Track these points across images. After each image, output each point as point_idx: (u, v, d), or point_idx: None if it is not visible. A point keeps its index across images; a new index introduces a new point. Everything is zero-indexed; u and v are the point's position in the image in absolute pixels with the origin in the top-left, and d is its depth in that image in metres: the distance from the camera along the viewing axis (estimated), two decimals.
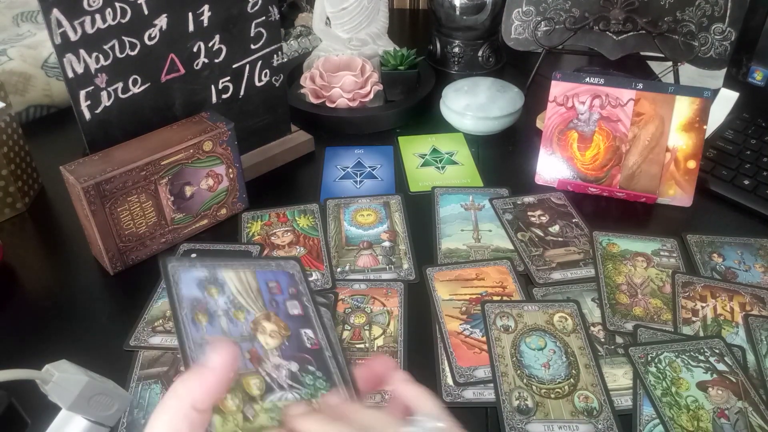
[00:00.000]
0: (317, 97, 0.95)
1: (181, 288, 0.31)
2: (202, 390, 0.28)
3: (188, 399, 0.28)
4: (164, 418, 0.28)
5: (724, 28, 0.95)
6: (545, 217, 0.77)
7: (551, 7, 0.99)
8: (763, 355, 0.59)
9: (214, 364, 0.28)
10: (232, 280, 0.32)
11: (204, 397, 0.28)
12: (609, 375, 0.57)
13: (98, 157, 0.66)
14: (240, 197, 0.77)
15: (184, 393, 0.28)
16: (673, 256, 0.71)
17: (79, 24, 0.63)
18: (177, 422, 0.27)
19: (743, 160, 0.82)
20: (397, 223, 0.76)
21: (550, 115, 0.81)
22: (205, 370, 0.28)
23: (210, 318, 0.31)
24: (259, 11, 0.75)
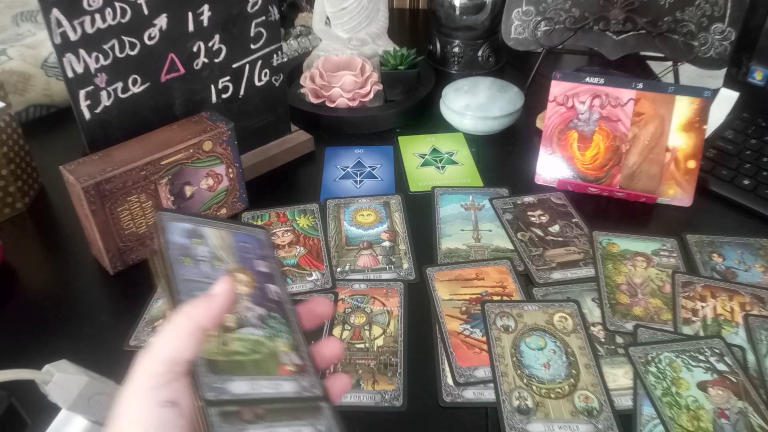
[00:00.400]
0: (317, 96, 0.95)
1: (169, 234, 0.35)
2: (209, 312, 0.31)
3: (195, 319, 0.31)
4: (172, 332, 0.31)
5: (724, 28, 0.95)
6: (545, 217, 0.77)
7: (551, 7, 0.99)
8: (763, 355, 0.59)
9: (218, 292, 0.32)
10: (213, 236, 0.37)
11: (209, 319, 0.32)
12: (609, 375, 0.57)
13: (98, 157, 0.66)
14: (240, 197, 0.77)
15: (193, 313, 0.31)
16: (673, 256, 0.71)
17: (79, 24, 0.63)
18: (183, 337, 0.31)
19: (743, 160, 0.82)
20: (397, 223, 0.76)
21: (550, 115, 0.81)
22: (211, 297, 0.32)
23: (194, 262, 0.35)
24: (259, 11, 0.75)
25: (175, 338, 0.31)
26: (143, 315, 0.64)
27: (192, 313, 0.32)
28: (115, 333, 0.62)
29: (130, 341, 0.61)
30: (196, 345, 0.31)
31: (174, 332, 0.31)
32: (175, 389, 0.31)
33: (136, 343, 0.60)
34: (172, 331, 0.31)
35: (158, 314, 0.64)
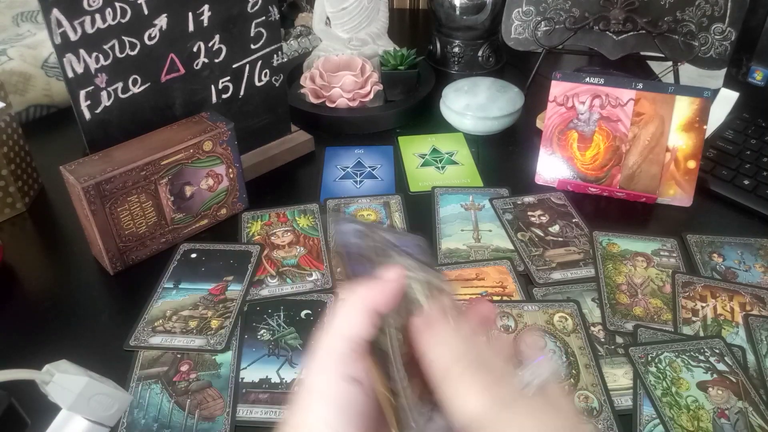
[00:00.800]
0: (317, 97, 0.95)
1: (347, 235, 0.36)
2: (381, 295, 0.32)
3: (371, 300, 0.32)
4: (349, 312, 0.32)
5: (724, 28, 0.95)
6: (545, 217, 0.77)
7: (551, 7, 0.99)
8: (763, 355, 0.59)
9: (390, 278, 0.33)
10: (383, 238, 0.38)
11: (384, 301, 0.32)
12: (609, 375, 0.57)
13: (98, 157, 0.66)
14: (240, 197, 0.77)
15: (368, 295, 0.32)
16: (673, 256, 0.71)
17: (79, 24, 0.63)
18: (359, 316, 0.32)
19: (743, 160, 0.82)
20: (397, 223, 0.76)
21: (550, 115, 0.81)
22: (383, 281, 0.33)
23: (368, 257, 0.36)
24: (259, 11, 0.75)
25: (352, 317, 0.32)
26: (143, 315, 0.64)
27: (367, 294, 0.32)
28: (115, 333, 0.62)
29: (130, 341, 0.61)
30: (371, 326, 0.32)
31: (351, 312, 0.32)
32: (358, 368, 0.31)
33: (136, 343, 0.61)
34: (348, 311, 0.32)
35: (158, 314, 0.64)
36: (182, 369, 0.58)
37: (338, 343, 0.32)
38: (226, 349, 0.60)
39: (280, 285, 0.67)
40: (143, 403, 0.55)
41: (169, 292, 0.66)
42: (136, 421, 0.54)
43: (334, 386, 0.31)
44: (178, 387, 0.57)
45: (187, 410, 0.55)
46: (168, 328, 0.62)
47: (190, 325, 0.62)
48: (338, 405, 0.31)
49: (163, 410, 0.55)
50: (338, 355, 0.32)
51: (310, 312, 0.64)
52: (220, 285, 0.67)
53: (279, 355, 0.60)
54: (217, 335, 0.61)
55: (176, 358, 0.59)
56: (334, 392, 0.31)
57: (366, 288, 0.33)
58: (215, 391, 0.56)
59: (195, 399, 0.56)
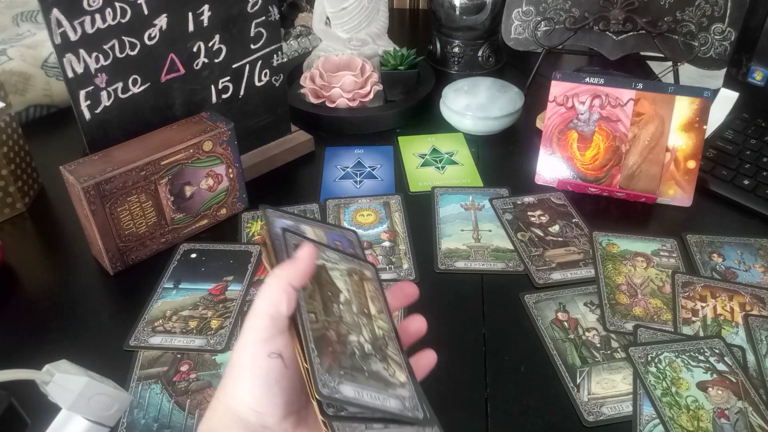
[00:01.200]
0: (317, 97, 0.95)
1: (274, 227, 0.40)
2: (296, 272, 0.36)
3: (286, 278, 0.35)
4: (268, 291, 0.35)
5: (724, 28, 0.95)
6: (545, 217, 0.77)
7: (551, 7, 0.99)
8: (763, 355, 0.59)
9: (301, 256, 0.36)
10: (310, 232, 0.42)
11: (297, 277, 0.35)
12: (607, 381, 0.57)
13: (98, 157, 0.66)
14: (240, 197, 0.77)
15: (283, 274, 0.35)
16: (673, 256, 0.71)
17: (79, 24, 0.63)
18: (278, 294, 0.35)
19: (743, 160, 0.82)
20: (397, 223, 0.76)
21: (550, 115, 0.81)
22: (296, 259, 0.36)
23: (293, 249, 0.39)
24: (259, 11, 0.75)
25: (271, 295, 0.35)
26: (143, 315, 0.64)
27: (282, 273, 0.35)
28: (115, 333, 0.62)
29: (130, 341, 0.61)
30: (289, 301, 0.35)
31: (269, 290, 0.35)
32: (279, 343, 0.35)
33: (136, 343, 0.61)
34: (267, 289, 0.35)
35: (158, 314, 0.64)
36: (182, 369, 0.58)
37: (260, 321, 0.35)
38: (226, 349, 0.60)
39: None
40: (143, 403, 0.55)
41: (169, 292, 0.66)
42: (136, 421, 0.54)
43: (259, 361, 0.35)
44: (178, 387, 0.57)
45: (187, 410, 0.55)
46: (168, 328, 0.62)
47: (190, 325, 0.62)
48: (263, 378, 0.35)
49: (163, 410, 0.55)
50: (260, 332, 0.35)
51: None
52: (220, 285, 0.67)
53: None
54: (217, 335, 0.61)
55: (176, 358, 0.59)
56: (259, 366, 0.35)
57: (281, 267, 0.36)
58: (215, 391, 0.56)
59: (195, 399, 0.56)
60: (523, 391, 0.57)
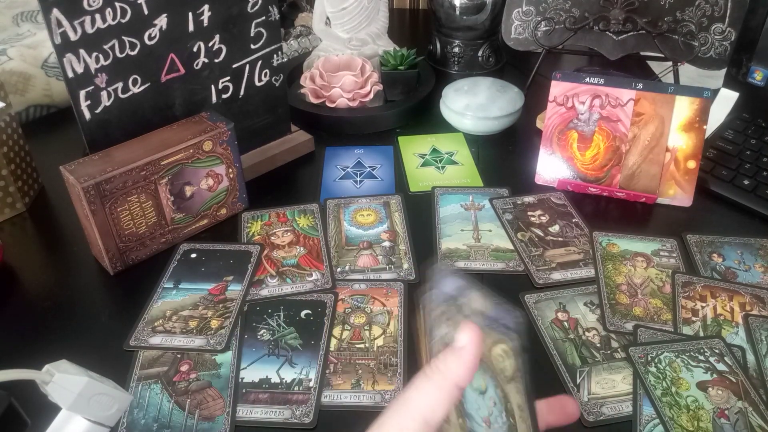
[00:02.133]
0: (317, 97, 0.95)
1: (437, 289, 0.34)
2: (464, 368, 0.30)
3: (452, 377, 0.30)
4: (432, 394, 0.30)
5: (724, 28, 0.95)
6: (545, 217, 0.77)
7: (551, 7, 0.99)
8: (763, 355, 0.59)
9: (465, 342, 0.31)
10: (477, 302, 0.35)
11: (465, 375, 0.30)
12: (607, 381, 0.57)
13: (98, 157, 0.66)
14: (240, 197, 0.77)
15: (448, 371, 0.30)
16: (673, 256, 0.71)
17: (79, 24, 0.63)
18: (443, 399, 0.30)
19: (743, 160, 0.82)
20: (397, 223, 0.76)
21: (550, 115, 0.81)
22: (461, 350, 0.30)
23: None
24: (259, 11, 0.75)
25: (432, 397, 0.30)
26: (143, 315, 0.64)
27: (445, 370, 0.31)
28: (115, 333, 0.62)
29: (130, 341, 0.61)
30: (450, 403, 0.30)
31: (430, 391, 0.31)
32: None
33: (136, 343, 0.61)
34: (428, 389, 0.31)
35: (158, 314, 0.64)
36: (182, 369, 0.58)
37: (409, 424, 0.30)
38: (226, 349, 0.60)
39: (280, 285, 0.67)
40: (143, 403, 0.55)
41: (169, 292, 0.66)
42: (136, 421, 0.54)
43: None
44: (178, 387, 0.57)
45: (187, 410, 0.55)
46: (168, 328, 0.62)
47: (190, 325, 0.62)
48: None
49: (163, 410, 0.55)
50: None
51: (310, 312, 0.64)
52: (220, 285, 0.67)
53: (279, 355, 0.60)
54: (217, 335, 0.61)
55: (176, 358, 0.59)
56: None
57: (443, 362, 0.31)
58: (215, 391, 0.56)
59: (195, 399, 0.56)
60: None
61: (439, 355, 0.31)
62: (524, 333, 0.37)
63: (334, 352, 0.60)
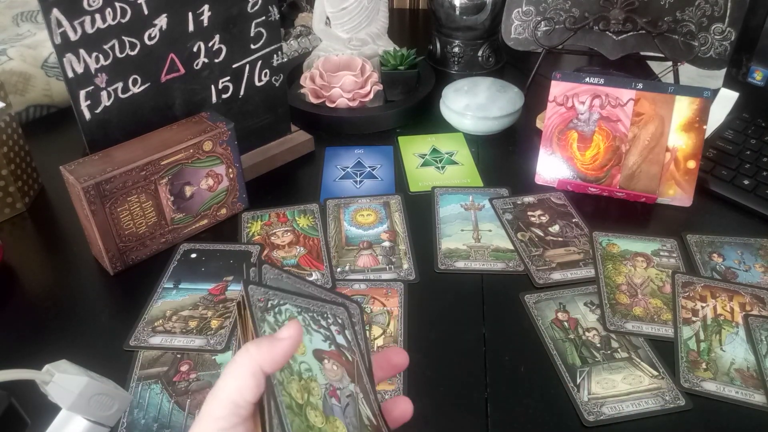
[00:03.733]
0: (317, 97, 0.95)
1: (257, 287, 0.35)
2: (271, 355, 0.31)
3: (258, 359, 0.31)
4: (234, 373, 0.31)
5: (724, 28, 0.95)
6: (545, 217, 0.77)
7: (551, 7, 0.99)
8: (763, 355, 0.59)
9: (285, 336, 0.32)
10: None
11: (272, 361, 0.31)
12: (607, 381, 0.57)
13: (98, 157, 0.66)
14: (240, 197, 0.77)
15: (256, 353, 0.31)
16: (673, 256, 0.71)
17: (79, 24, 0.63)
18: (245, 378, 0.31)
19: (743, 160, 0.82)
20: (397, 223, 0.76)
21: (550, 115, 0.81)
22: (277, 340, 0.32)
23: None
24: (259, 11, 0.75)
25: (238, 379, 0.31)
26: (143, 315, 0.64)
27: (255, 353, 0.31)
28: (115, 333, 0.62)
29: (130, 341, 0.61)
30: (258, 387, 0.31)
31: (236, 373, 0.31)
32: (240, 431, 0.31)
33: (136, 344, 0.61)
34: (234, 371, 0.31)
35: (158, 314, 0.64)
36: (182, 369, 0.58)
37: (221, 409, 0.31)
38: (226, 349, 0.60)
39: None
40: (143, 403, 0.55)
41: (169, 292, 0.66)
42: (136, 421, 0.54)
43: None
44: (178, 387, 0.57)
45: (187, 410, 0.55)
46: (168, 328, 0.62)
47: (190, 325, 0.62)
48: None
49: (163, 410, 0.55)
50: (220, 422, 0.31)
51: None
52: (220, 285, 0.67)
53: None
54: (217, 335, 0.61)
55: (176, 358, 0.59)
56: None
57: (256, 345, 0.31)
58: None
59: (195, 399, 0.56)
60: (523, 391, 0.57)
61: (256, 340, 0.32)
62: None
63: None
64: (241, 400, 0.31)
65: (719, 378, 0.57)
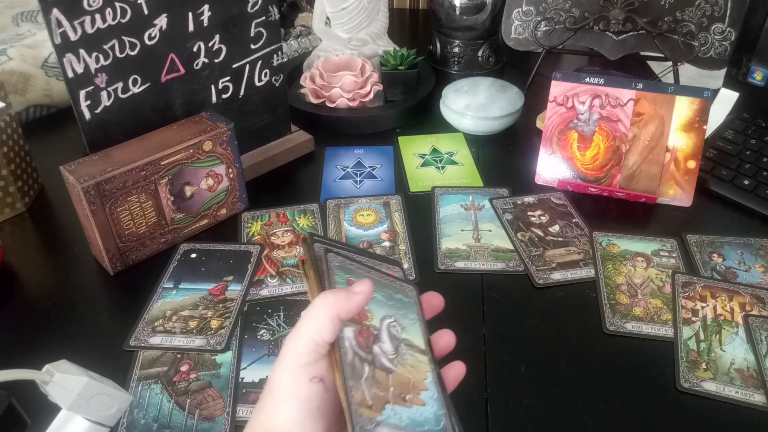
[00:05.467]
0: (317, 97, 0.95)
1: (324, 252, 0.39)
2: (347, 305, 0.35)
3: (335, 308, 0.34)
4: (314, 316, 0.35)
5: (724, 28, 0.95)
6: (545, 217, 0.77)
7: (551, 7, 0.99)
8: (763, 355, 0.59)
9: (359, 291, 0.36)
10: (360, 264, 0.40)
11: (346, 310, 0.35)
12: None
13: (98, 157, 0.66)
14: (240, 197, 0.77)
15: (333, 301, 0.35)
16: (673, 256, 0.71)
17: (79, 24, 0.63)
18: (324, 321, 0.34)
19: (743, 160, 0.82)
20: (397, 223, 0.76)
21: (550, 115, 0.81)
22: (352, 292, 0.36)
23: None
24: (259, 11, 0.75)
25: (318, 321, 0.34)
26: (143, 315, 0.64)
27: (333, 301, 0.35)
28: (115, 333, 0.62)
29: (130, 341, 0.61)
30: (335, 329, 0.34)
31: (316, 315, 0.35)
32: (320, 367, 0.35)
33: (136, 344, 0.61)
34: (314, 315, 0.35)
35: (158, 314, 0.64)
36: (182, 369, 0.58)
37: (303, 346, 0.35)
38: (226, 349, 0.60)
39: (280, 285, 0.67)
40: (143, 403, 0.55)
41: (169, 292, 0.66)
42: (136, 421, 0.54)
43: (300, 385, 0.34)
44: (178, 387, 0.57)
45: (187, 410, 0.55)
46: (168, 328, 0.62)
47: (190, 325, 0.62)
48: (304, 402, 0.34)
49: (163, 410, 0.55)
50: (302, 357, 0.35)
51: None
52: (220, 285, 0.67)
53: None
54: (217, 335, 0.61)
55: (176, 358, 0.59)
56: (300, 390, 0.34)
57: (334, 294, 0.35)
58: (215, 391, 0.56)
59: (195, 399, 0.56)
60: (523, 391, 0.57)
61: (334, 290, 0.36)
62: None
63: None
64: (320, 339, 0.34)
65: (719, 378, 0.57)
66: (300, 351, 0.35)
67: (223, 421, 0.54)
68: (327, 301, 0.35)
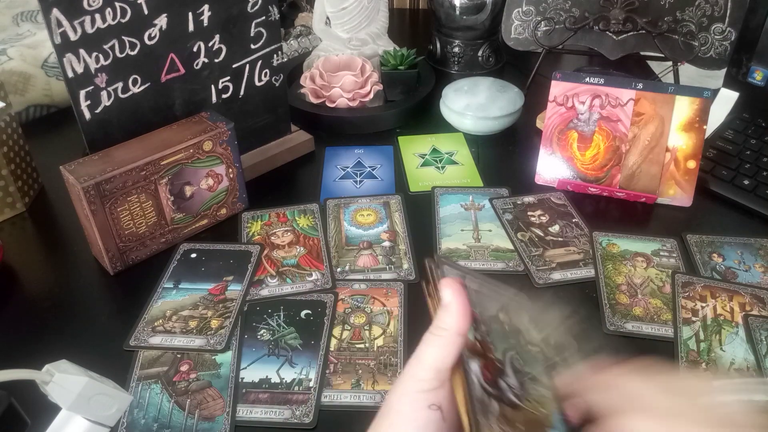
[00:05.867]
0: (317, 97, 0.95)
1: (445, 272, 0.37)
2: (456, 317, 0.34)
3: (451, 328, 0.34)
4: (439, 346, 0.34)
5: (724, 28, 0.95)
6: (545, 217, 0.77)
7: (551, 7, 0.99)
8: (763, 355, 0.59)
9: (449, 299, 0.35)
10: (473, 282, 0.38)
11: (460, 323, 0.34)
12: None
13: (98, 157, 0.66)
14: (240, 197, 0.77)
15: (446, 325, 0.34)
16: (673, 256, 0.71)
17: (79, 24, 0.63)
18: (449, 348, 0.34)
19: (743, 160, 0.82)
20: (397, 223, 0.76)
21: (550, 115, 0.81)
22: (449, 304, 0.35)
23: None
24: (259, 11, 0.75)
25: (438, 348, 0.34)
26: (143, 315, 0.64)
27: (443, 324, 0.35)
28: (115, 333, 0.62)
29: (130, 341, 0.61)
30: (456, 351, 0.34)
31: (437, 342, 0.35)
32: (440, 395, 0.34)
33: (136, 343, 0.61)
34: (434, 341, 0.35)
35: (158, 314, 0.64)
36: (182, 369, 0.58)
37: (425, 373, 0.34)
38: (226, 349, 0.60)
39: (280, 285, 0.67)
40: (143, 403, 0.55)
41: (169, 292, 0.66)
42: (136, 421, 0.54)
43: (418, 411, 0.34)
44: (178, 387, 0.57)
45: (187, 410, 0.55)
46: (168, 328, 0.62)
47: (190, 325, 0.62)
48: (420, 429, 0.34)
49: (163, 410, 0.55)
50: (423, 384, 0.34)
51: (310, 312, 0.64)
52: (220, 285, 0.67)
53: (279, 355, 0.60)
54: (217, 335, 0.61)
55: (176, 358, 0.59)
56: (417, 416, 0.34)
57: (438, 319, 0.35)
58: (215, 391, 0.56)
59: (195, 399, 0.56)
60: None
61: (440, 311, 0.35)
62: None
63: (334, 352, 0.60)
64: (442, 366, 0.34)
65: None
66: (420, 376, 0.34)
67: (223, 421, 0.54)
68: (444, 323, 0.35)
